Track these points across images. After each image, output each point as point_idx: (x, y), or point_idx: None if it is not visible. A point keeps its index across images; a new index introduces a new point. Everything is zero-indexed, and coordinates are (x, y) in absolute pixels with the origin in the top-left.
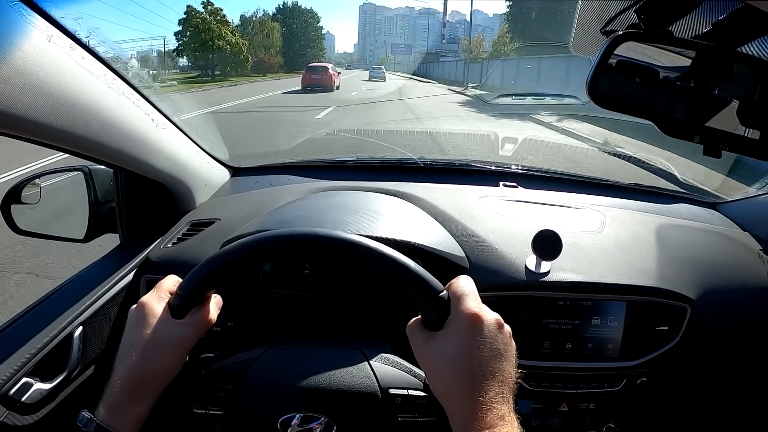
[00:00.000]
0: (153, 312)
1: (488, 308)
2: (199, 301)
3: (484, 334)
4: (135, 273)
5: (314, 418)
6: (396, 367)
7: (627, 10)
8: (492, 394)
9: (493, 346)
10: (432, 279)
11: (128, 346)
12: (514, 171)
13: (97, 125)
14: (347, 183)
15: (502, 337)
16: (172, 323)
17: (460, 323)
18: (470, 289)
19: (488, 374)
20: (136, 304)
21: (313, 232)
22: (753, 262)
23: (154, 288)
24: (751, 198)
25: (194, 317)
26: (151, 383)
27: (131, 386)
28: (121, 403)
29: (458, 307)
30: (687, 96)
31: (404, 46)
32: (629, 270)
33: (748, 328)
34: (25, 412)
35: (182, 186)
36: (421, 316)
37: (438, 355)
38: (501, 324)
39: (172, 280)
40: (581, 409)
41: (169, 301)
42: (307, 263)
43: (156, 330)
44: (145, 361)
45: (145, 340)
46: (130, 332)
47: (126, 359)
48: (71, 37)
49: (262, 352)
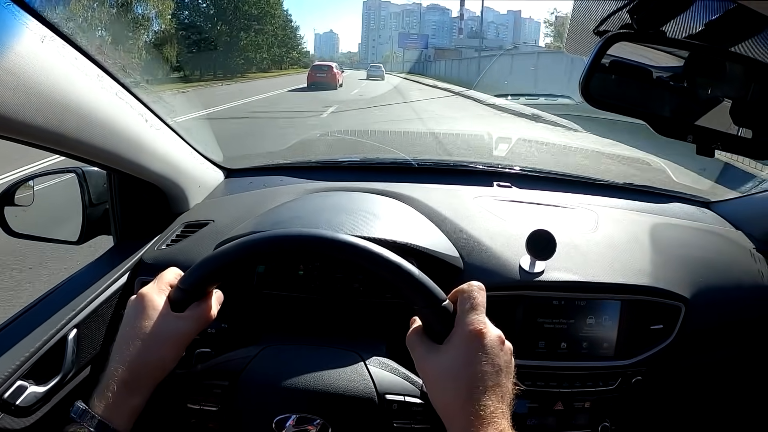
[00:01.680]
0: (153, 304)
1: (492, 324)
2: (199, 295)
3: (486, 349)
4: (129, 275)
5: (310, 420)
6: (393, 373)
7: (620, 11)
8: (492, 409)
9: (495, 361)
10: (435, 287)
11: (126, 338)
12: (508, 171)
13: (90, 127)
14: (341, 184)
15: (503, 353)
16: (172, 317)
17: (464, 337)
18: (479, 303)
19: (489, 389)
20: (136, 296)
21: (318, 233)
22: (746, 260)
23: (154, 280)
24: (743, 197)
25: (195, 311)
26: (147, 376)
27: (128, 378)
28: (116, 394)
29: (463, 320)
30: (680, 96)
31: (417, 36)
32: (623, 269)
33: (742, 326)
34: (20, 415)
35: (176, 187)
36: (422, 324)
37: (439, 368)
38: (503, 340)
39: (173, 273)
40: (576, 408)
41: (170, 294)
42: (302, 264)
43: (156, 323)
44: (144, 353)
45: (144, 333)
46: (128, 324)
47: (124, 350)
48: (64, 37)
49: (259, 350)
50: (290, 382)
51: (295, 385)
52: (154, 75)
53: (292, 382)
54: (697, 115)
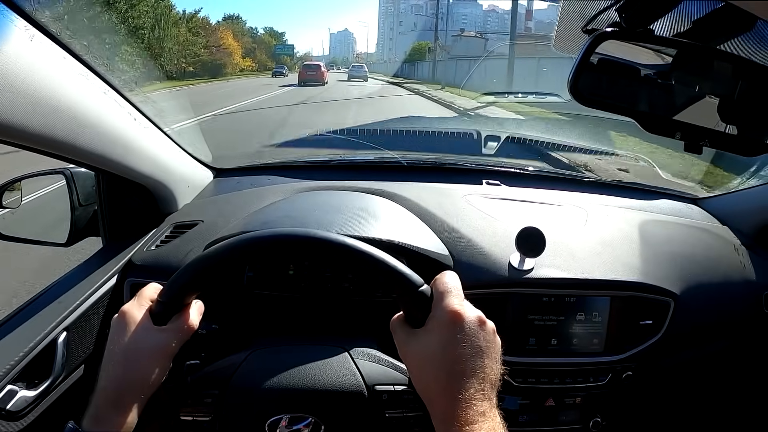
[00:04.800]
0: (134, 320)
1: (470, 305)
2: (179, 307)
3: (464, 331)
4: (118, 276)
5: (302, 419)
6: (380, 363)
7: (608, 9)
8: (472, 391)
9: (474, 343)
10: (411, 274)
11: (110, 356)
12: (497, 169)
13: (78, 127)
14: (331, 183)
15: (484, 334)
16: (153, 330)
17: (441, 320)
18: (453, 286)
19: (468, 371)
20: (118, 313)
21: (290, 231)
22: (733, 256)
23: (135, 296)
24: (730, 193)
25: (176, 324)
26: (134, 392)
27: (115, 396)
28: (106, 413)
29: (440, 304)
30: (668, 93)
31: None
32: (612, 265)
33: (730, 320)
34: (11, 420)
35: (164, 188)
36: (403, 312)
37: (419, 353)
38: (483, 321)
39: (153, 288)
40: (568, 404)
41: (150, 308)
42: (291, 264)
43: (137, 338)
44: (128, 369)
45: (126, 349)
46: (111, 341)
47: (108, 369)
48: (52, 37)
49: (246, 356)
50: (279, 383)
51: (284, 386)
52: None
53: (281, 383)
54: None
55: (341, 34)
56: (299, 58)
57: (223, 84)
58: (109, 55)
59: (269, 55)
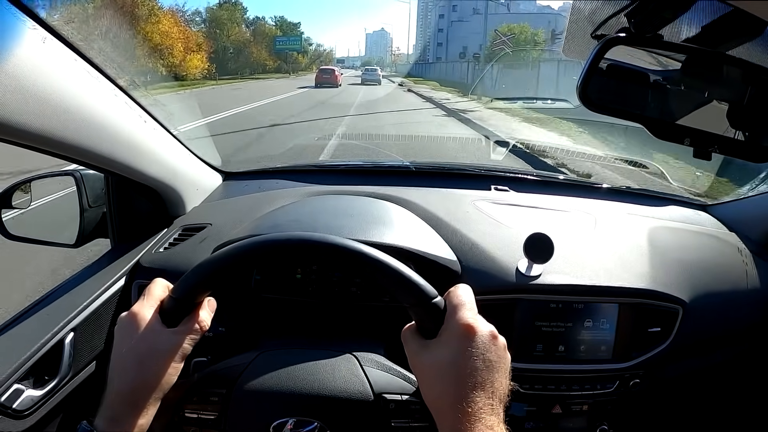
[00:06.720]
0: (145, 322)
1: (483, 319)
2: (191, 305)
3: (476, 344)
4: (127, 278)
5: (307, 423)
6: (389, 372)
7: (617, 14)
8: (481, 404)
9: (486, 357)
10: (426, 285)
11: (124, 358)
12: (506, 175)
13: (89, 129)
14: (339, 187)
15: (495, 348)
16: (166, 332)
17: (453, 333)
18: (467, 300)
19: (478, 385)
20: (126, 313)
21: (307, 236)
22: (743, 263)
23: (142, 296)
24: (740, 200)
25: (187, 325)
26: (150, 394)
27: (131, 398)
28: (121, 414)
29: (453, 316)
30: (677, 99)
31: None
32: (621, 272)
33: (738, 329)
34: (17, 418)
35: (174, 191)
36: (414, 323)
37: (430, 364)
38: (495, 335)
39: (161, 285)
40: (575, 411)
41: (162, 306)
42: (299, 267)
43: (150, 340)
44: (143, 372)
45: (140, 352)
46: (122, 343)
47: (122, 371)
48: (63, 40)
49: (255, 357)
50: (286, 386)
51: (291, 389)
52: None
53: (288, 386)
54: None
55: (377, 34)
56: (317, 55)
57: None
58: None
59: (270, 51)
